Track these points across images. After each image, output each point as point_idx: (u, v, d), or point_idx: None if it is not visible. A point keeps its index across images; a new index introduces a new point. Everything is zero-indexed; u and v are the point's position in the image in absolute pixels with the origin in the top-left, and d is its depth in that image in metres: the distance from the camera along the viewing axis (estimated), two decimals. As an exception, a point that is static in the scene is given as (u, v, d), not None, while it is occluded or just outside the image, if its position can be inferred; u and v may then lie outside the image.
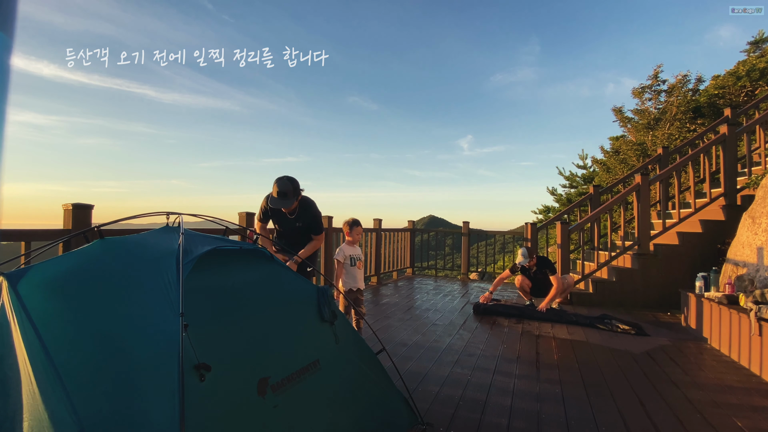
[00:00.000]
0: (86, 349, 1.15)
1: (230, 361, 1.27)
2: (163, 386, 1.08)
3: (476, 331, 3.63)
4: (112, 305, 1.24)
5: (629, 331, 3.60)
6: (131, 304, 1.24)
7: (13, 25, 0.47)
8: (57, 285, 1.25)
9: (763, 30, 8.98)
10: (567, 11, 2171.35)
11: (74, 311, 1.21)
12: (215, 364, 1.17)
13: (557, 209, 11.97)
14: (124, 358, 1.13)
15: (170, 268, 1.31)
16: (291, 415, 1.37)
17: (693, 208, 5.10)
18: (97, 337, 1.17)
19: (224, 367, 1.22)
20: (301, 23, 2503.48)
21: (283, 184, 2.59)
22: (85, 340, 1.16)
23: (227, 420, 1.19)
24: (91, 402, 1.07)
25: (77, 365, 1.11)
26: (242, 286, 1.50)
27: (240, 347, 1.34)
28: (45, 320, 1.16)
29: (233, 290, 1.46)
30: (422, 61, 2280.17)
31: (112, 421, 1.05)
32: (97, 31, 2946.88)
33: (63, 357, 1.11)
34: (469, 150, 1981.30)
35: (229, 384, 1.23)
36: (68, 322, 1.18)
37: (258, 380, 1.31)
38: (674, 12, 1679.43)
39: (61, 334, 1.16)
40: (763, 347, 2.55)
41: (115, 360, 1.13)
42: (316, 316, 1.66)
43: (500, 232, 7.49)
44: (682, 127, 8.90)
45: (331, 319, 1.69)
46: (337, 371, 1.63)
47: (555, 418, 2.02)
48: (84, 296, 1.24)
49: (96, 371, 1.11)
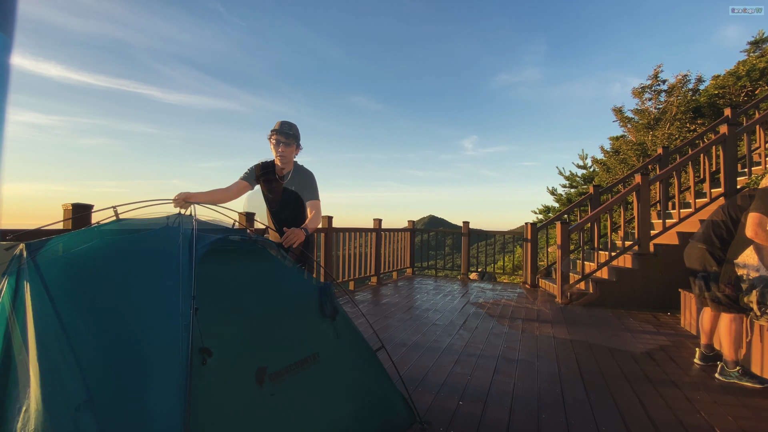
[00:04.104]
0: (98, 322, 1.19)
1: (230, 349, 1.30)
2: (169, 367, 1.11)
3: (476, 331, 3.63)
4: (125, 283, 1.29)
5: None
6: (144, 284, 1.29)
7: (13, 25, 0.47)
8: (74, 259, 1.31)
9: (763, 30, 8.99)
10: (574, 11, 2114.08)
11: (89, 286, 1.26)
12: (216, 350, 1.20)
13: (557, 209, 11.97)
14: (133, 335, 1.18)
15: (183, 252, 1.35)
16: (288, 404, 1.40)
17: (693, 208, 5.10)
18: (109, 312, 1.22)
19: (224, 354, 1.25)
20: (307, 24, 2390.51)
21: (285, 122, 2.40)
22: (97, 314, 1.21)
23: (225, 404, 1.22)
24: (99, 373, 1.11)
25: (88, 337, 1.15)
26: (246, 277, 1.54)
27: (240, 336, 1.37)
28: (60, 291, 1.22)
29: (237, 280, 1.50)
30: (427, 61, 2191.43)
31: (118, 394, 1.09)
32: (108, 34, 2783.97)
33: (75, 327, 1.15)
34: (472, 150, 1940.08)
35: (228, 370, 1.26)
36: (82, 295, 1.24)
37: (256, 369, 1.34)
38: (681, 12, 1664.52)
39: (75, 305, 1.21)
40: (763, 347, 2.55)
41: (125, 336, 1.18)
42: (317, 311, 1.68)
43: (500, 232, 7.50)
44: (682, 127, 8.91)
45: (332, 314, 1.70)
46: (336, 365, 1.64)
47: (555, 418, 2.02)
48: (99, 272, 1.30)
49: (106, 345, 1.16)
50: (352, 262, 5.77)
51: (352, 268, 5.77)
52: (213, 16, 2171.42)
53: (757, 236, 2.45)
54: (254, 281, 1.56)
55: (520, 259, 10.01)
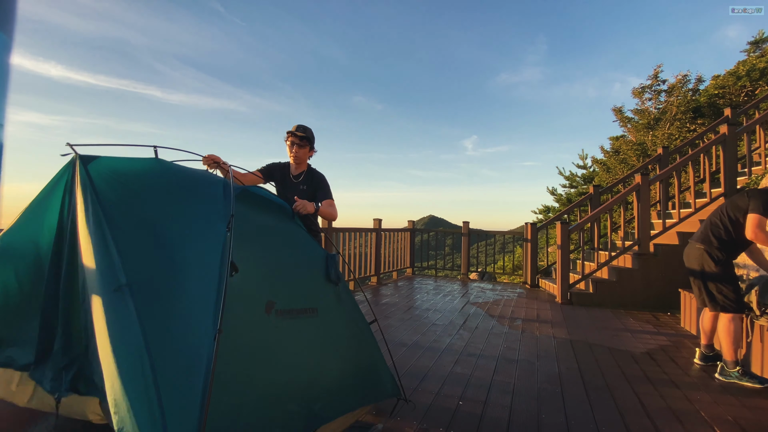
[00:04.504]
0: (140, 232, 1.38)
1: (248, 275, 1.44)
2: (205, 274, 1.31)
3: (476, 331, 3.63)
4: (166, 204, 1.49)
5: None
6: (184, 208, 1.50)
7: (12, 25, 0.47)
8: (121, 176, 1.49)
9: (763, 30, 8.99)
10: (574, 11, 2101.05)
11: (134, 201, 1.45)
12: (239, 271, 1.37)
13: (557, 209, 11.98)
14: (174, 247, 1.37)
15: (219, 187, 1.59)
16: (288, 339, 1.55)
17: (693, 208, 5.10)
18: (152, 226, 1.41)
19: (244, 277, 1.40)
20: (309, 25, 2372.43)
21: (300, 125, 2.51)
22: (140, 224, 1.40)
23: (242, 315, 1.39)
24: (138, 263, 1.30)
25: (132, 244, 1.34)
26: (270, 225, 1.76)
27: (257, 269, 1.54)
28: (108, 200, 1.40)
29: (263, 225, 1.71)
30: (428, 61, 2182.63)
31: (158, 281, 1.29)
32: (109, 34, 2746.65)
33: (119, 234, 1.33)
34: (472, 150, 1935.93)
35: (246, 292, 1.42)
36: (127, 207, 1.43)
37: (267, 300, 1.50)
38: (681, 12, 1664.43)
39: (120, 214, 1.39)
40: (763, 347, 2.55)
41: (165, 246, 1.37)
42: (324, 275, 1.84)
43: (500, 232, 7.50)
44: (682, 127, 8.91)
45: (336, 280, 1.86)
46: (333, 326, 1.77)
47: (555, 418, 2.02)
48: (143, 191, 1.49)
49: (147, 252, 1.34)
50: (351, 262, 5.77)
51: (352, 268, 5.77)
52: (213, 15, 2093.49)
53: (756, 238, 2.45)
54: (276, 231, 1.77)
55: (520, 259, 10.01)
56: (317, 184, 2.52)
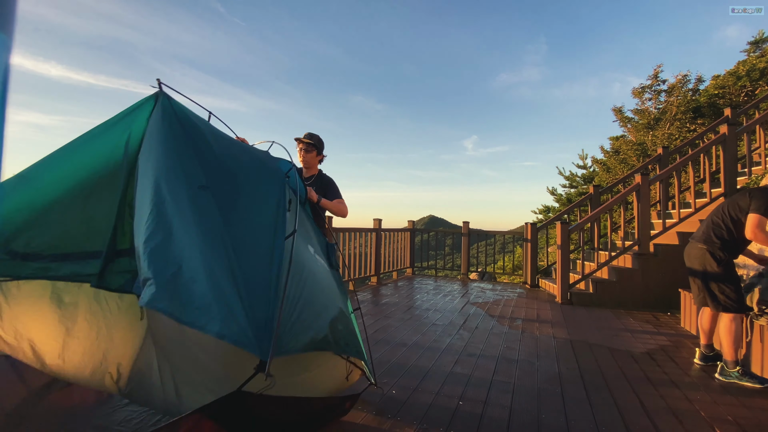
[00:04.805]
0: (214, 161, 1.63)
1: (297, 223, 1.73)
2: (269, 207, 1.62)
3: (476, 331, 3.63)
4: (232, 153, 1.74)
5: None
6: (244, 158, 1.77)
7: (12, 25, 0.47)
8: (194, 120, 1.70)
9: (763, 30, 8.99)
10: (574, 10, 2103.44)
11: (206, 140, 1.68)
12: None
13: (557, 209, 11.98)
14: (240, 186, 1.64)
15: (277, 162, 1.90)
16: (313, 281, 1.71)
17: (693, 208, 5.10)
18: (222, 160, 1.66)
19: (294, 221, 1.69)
20: (309, 25, 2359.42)
21: (309, 133, 2.74)
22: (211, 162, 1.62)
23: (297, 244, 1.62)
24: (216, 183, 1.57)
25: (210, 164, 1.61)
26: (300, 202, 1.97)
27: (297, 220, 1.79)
28: (192, 125, 1.67)
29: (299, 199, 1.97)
30: (428, 61, 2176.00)
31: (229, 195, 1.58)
32: (108, 34, 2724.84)
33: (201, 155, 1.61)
34: (473, 150, 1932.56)
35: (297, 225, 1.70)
36: (203, 143, 1.65)
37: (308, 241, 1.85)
38: (681, 12, 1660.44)
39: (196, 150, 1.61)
40: (763, 347, 2.55)
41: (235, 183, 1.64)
42: (326, 259, 2.02)
43: (500, 232, 7.50)
44: (682, 127, 8.91)
45: (336, 266, 2.06)
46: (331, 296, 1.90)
47: (555, 418, 2.02)
48: (212, 135, 1.73)
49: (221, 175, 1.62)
50: (351, 262, 5.77)
51: (352, 268, 5.77)
52: (214, 16, 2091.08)
53: (756, 238, 2.44)
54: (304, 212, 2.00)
55: (520, 259, 10.01)
56: (326, 187, 2.72)
